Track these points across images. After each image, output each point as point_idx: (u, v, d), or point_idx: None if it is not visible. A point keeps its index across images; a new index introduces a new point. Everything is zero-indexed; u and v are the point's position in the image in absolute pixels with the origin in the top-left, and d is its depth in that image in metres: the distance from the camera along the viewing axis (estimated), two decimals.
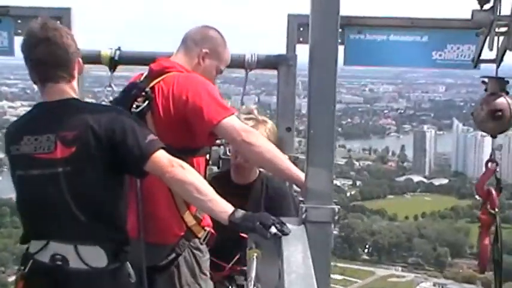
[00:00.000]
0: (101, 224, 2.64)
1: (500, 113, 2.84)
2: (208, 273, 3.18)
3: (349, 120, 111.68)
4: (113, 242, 2.67)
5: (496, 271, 3.00)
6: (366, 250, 68.31)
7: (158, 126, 3.07)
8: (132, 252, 2.81)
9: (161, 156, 2.61)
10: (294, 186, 3.48)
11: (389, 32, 3.93)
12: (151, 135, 2.68)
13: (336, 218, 2.49)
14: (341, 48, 4.00)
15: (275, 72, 3.91)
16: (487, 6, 2.72)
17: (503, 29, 2.74)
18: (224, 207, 2.63)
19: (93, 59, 3.94)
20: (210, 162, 3.32)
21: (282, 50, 4.03)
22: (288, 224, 2.51)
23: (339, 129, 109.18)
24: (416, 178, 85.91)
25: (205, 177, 3.07)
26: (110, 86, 4.03)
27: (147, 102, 3.10)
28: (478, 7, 2.74)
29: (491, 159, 2.96)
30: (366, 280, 62.81)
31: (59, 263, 2.58)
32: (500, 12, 2.71)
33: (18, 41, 3.47)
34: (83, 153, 2.58)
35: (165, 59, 3.32)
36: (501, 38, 2.77)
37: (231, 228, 2.61)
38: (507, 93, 2.91)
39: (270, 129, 3.62)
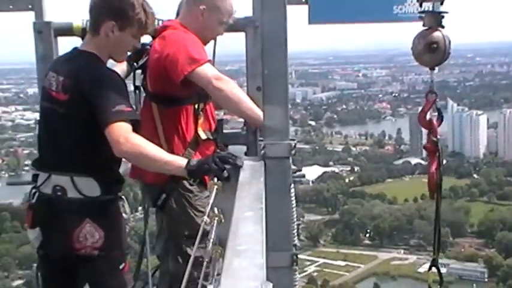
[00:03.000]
0: (90, 159, 2.89)
1: (435, 46, 2.96)
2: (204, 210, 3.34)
3: (344, 106, 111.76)
4: (106, 175, 2.92)
5: (439, 193, 3.19)
6: (367, 235, 68.51)
7: (150, 78, 3.45)
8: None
9: (116, 129, 2.74)
10: None
11: None
12: (122, 106, 2.79)
13: (293, 152, 2.62)
14: (305, 8, 4.12)
15: None
16: None
17: None
18: (178, 163, 2.77)
19: (66, 31, 3.99)
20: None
21: None
22: (247, 160, 2.65)
23: (335, 116, 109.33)
24: (413, 160, 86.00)
25: (196, 123, 3.40)
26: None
27: (146, 58, 3.47)
28: None
29: (431, 91, 3.09)
30: (368, 265, 63.06)
31: (59, 193, 2.88)
32: None
33: None
34: (73, 102, 2.86)
35: (172, 19, 3.58)
36: None
37: (191, 177, 2.82)
38: (443, 27, 3.03)
39: None
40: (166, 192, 3.38)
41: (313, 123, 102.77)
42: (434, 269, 3.51)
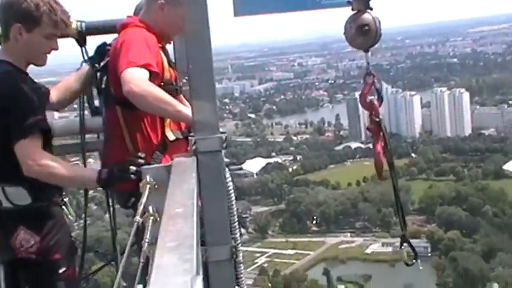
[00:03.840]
0: (18, 169, 2.82)
1: (367, 27, 3.01)
2: None
3: (282, 97, 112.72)
4: (36, 183, 2.86)
5: (391, 171, 3.23)
6: (314, 221, 69.41)
7: (110, 80, 3.30)
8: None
9: (24, 149, 2.77)
10: None
11: None
12: (33, 118, 2.78)
13: (225, 145, 2.60)
14: (230, 1, 4.11)
15: None
16: None
17: None
18: (90, 175, 2.84)
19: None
20: None
21: None
22: (179, 157, 2.63)
23: (274, 107, 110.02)
24: (354, 145, 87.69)
25: (163, 124, 3.31)
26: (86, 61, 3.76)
27: (108, 59, 3.34)
28: None
29: (368, 73, 3.13)
30: (317, 251, 63.88)
31: None
32: None
33: None
34: None
35: (132, 16, 3.46)
36: None
37: (104, 187, 2.87)
38: (371, 9, 3.08)
39: None
40: (134, 197, 3.24)
41: (253, 115, 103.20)
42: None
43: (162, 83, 3.21)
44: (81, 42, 3.77)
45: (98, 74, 3.42)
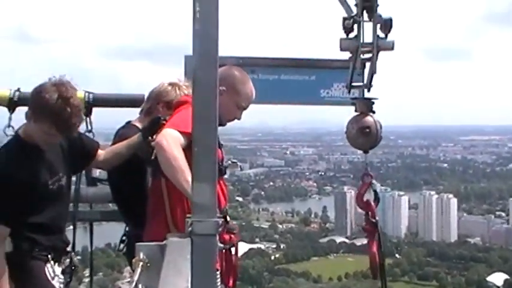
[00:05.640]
0: None
1: (368, 130, 3.10)
2: None
3: (271, 183, 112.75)
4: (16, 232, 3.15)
5: (382, 273, 3.23)
6: None
7: None
8: None
9: None
10: None
11: (280, 72, 4.20)
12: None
13: (220, 230, 2.61)
14: None
15: None
16: (352, 35, 3.02)
17: (368, 55, 3.03)
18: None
19: None
20: None
21: None
22: (174, 237, 2.62)
23: (262, 192, 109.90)
24: (338, 239, 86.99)
25: None
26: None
27: None
28: (344, 36, 3.03)
29: (366, 173, 3.20)
30: None
31: None
32: (363, 40, 3.00)
33: None
34: None
35: (189, 95, 3.57)
36: (367, 64, 3.08)
37: None
38: (374, 112, 3.18)
39: None
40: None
41: (240, 199, 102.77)
42: None
43: None
44: (87, 113, 3.85)
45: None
